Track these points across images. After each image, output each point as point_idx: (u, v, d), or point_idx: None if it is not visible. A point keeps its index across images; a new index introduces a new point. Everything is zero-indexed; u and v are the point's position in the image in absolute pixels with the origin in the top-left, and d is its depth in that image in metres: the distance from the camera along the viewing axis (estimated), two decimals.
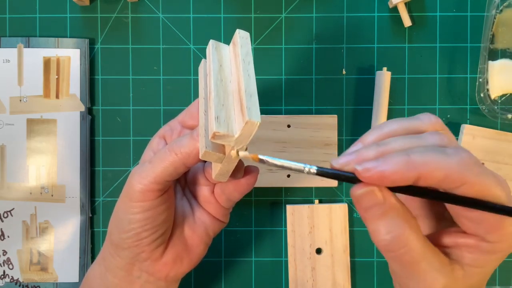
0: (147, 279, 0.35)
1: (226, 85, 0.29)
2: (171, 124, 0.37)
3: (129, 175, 0.33)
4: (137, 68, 0.50)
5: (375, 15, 0.50)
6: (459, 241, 0.26)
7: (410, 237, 0.25)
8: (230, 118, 0.28)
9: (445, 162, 0.24)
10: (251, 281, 0.50)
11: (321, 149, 0.49)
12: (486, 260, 0.26)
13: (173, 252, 0.35)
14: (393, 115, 0.50)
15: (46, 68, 0.49)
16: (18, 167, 0.49)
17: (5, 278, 0.49)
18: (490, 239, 0.25)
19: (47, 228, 0.49)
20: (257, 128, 0.26)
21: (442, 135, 0.26)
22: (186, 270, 0.37)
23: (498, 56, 0.49)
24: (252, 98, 0.27)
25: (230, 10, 0.50)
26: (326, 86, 0.50)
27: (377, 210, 0.25)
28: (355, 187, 0.25)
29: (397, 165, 0.24)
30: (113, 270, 0.35)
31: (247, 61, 0.29)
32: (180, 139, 0.32)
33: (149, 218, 0.32)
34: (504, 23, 0.49)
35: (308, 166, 0.26)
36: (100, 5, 0.50)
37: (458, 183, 0.24)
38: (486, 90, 0.48)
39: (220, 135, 0.27)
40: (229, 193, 0.35)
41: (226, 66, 0.30)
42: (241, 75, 0.28)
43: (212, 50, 0.31)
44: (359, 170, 0.24)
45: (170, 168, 0.31)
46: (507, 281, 0.50)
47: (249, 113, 0.26)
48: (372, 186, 0.25)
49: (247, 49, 0.30)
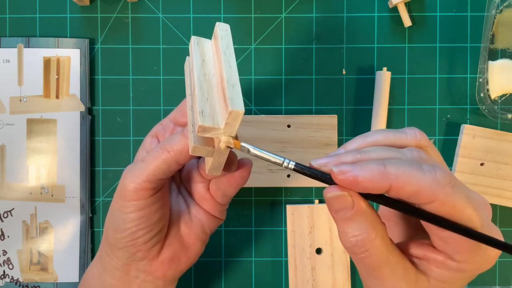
0: (145, 278, 0.35)
1: (210, 79, 0.29)
2: (163, 123, 0.37)
3: (122, 175, 0.33)
4: (137, 68, 0.50)
5: (375, 15, 0.50)
6: (428, 254, 0.27)
7: (375, 242, 0.26)
8: (215, 111, 0.28)
9: (418, 177, 0.24)
10: (251, 281, 0.50)
11: (321, 149, 0.49)
12: (453, 277, 0.26)
13: (170, 251, 0.35)
14: (393, 115, 0.50)
15: (46, 68, 0.49)
16: (18, 167, 0.49)
17: (5, 278, 0.49)
18: (458, 259, 0.26)
19: (47, 228, 0.49)
20: (241, 117, 0.27)
21: (421, 152, 0.26)
22: (184, 268, 0.37)
23: (498, 56, 0.49)
24: (235, 88, 0.27)
25: (230, 10, 0.50)
26: (326, 86, 0.50)
27: (345, 213, 0.26)
28: (328, 188, 0.26)
29: (371, 173, 0.24)
30: (110, 270, 0.35)
31: (228, 53, 0.29)
32: (171, 137, 0.32)
33: (143, 217, 0.32)
34: (504, 23, 0.49)
35: (287, 161, 0.27)
36: (100, 5, 0.50)
37: (428, 199, 0.24)
38: (486, 90, 0.48)
39: (205, 128, 0.27)
40: (224, 187, 0.35)
41: (209, 60, 0.30)
42: (223, 67, 0.28)
43: (194, 46, 0.31)
44: (335, 172, 0.25)
45: (163, 166, 0.31)
46: (507, 281, 0.50)
47: (232, 103, 0.26)
48: (344, 191, 0.26)
49: (227, 41, 0.30)
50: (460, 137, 0.49)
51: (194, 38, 0.31)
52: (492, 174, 0.48)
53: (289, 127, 0.49)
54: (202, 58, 0.30)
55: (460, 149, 0.48)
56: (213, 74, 0.30)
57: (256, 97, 0.50)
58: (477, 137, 0.48)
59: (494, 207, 0.50)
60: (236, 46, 0.50)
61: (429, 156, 0.27)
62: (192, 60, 0.30)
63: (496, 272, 0.50)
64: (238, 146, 0.28)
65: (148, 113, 0.50)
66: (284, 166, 0.27)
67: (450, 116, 0.50)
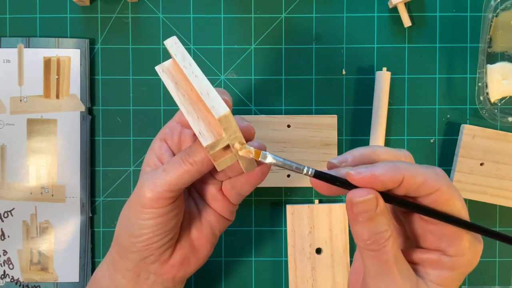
0: (155, 280, 0.36)
1: (190, 96, 0.30)
2: (169, 126, 0.37)
3: (140, 181, 0.33)
4: (137, 68, 0.50)
5: (375, 15, 0.50)
6: (423, 257, 0.29)
7: (391, 238, 0.28)
8: (210, 124, 0.28)
9: (423, 170, 0.28)
10: (251, 281, 0.50)
11: (321, 149, 0.49)
12: (448, 277, 0.29)
13: (181, 254, 0.35)
14: (393, 115, 0.50)
15: (46, 68, 0.49)
16: (18, 167, 0.49)
17: (5, 278, 0.49)
18: (450, 253, 0.28)
19: (47, 228, 0.49)
20: (231, 115, 0.27)
21: None
22: (193, 270, 0.37)
23: (497, 59, 0.49)
24: (211, 95, 0.27)
25: (230, 10, 0.50)
26: (326, 86, 0.50)
27: (369, 214, 0.27)
28: (355, 192, 0.27)
29: (385, 169, 0.27)
30: (122, 271, 0.35)
31: (187, 64, 0.29)
32: (190, 148, 0.32)
33: (160, 224, 0.33)
34: (501, 26, 0.49)
35: (307, 168, 0.28)
36: (100, 5, 0.50)
37: (433, 189, 0.27)
38: (485, 94, 0.48)
39: (211, 145, 0.27)
40: (240, 186, 0.35)
41: (181, 80, 0.30)
42: (190, 81, 0.28)
43: (162, 74, 0.31)
44: (353, 174, 0.27)
45: (186, 176, 0.32)
46: (507, 281, 0.50)
47: (215, 111, 0.27)
48: (372, 194, 0.27)
49: (181, 53, 0.29)
50: (460, 137, 0.49)
51: (158, 67, 0.31)
52: (491, 174, 0.48)
53: (289, 127, 0.49)
54: (173, 82, 0.30)
55: (460, 149, 0.48)
56: (190, 90, 0.30)
57: (256, 97, 0.50)
58: (477, 137, 0.48)
59: (494, 207, 0.50)
60: (236, 46, 0.50)
61: None
62: (168, 88, 0.30)
63: (496, 272, 0.50)
64: (258, 155, 0.29)
65: (148, 113, 0.50)
66: (304, 173, 0.28)
67: (450, 116, 0.50)
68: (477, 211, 0.50)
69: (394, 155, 0.30)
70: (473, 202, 0.49)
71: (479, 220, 0.50)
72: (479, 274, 0.50)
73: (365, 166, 0.28)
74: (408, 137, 0.50)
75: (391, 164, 0.27)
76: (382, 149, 0.30)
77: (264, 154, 0.29)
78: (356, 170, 0.27)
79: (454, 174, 0.48)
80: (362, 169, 0.27)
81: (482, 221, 0.50)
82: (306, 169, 0.28)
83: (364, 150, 0.30)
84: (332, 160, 0.29)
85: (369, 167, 0.27)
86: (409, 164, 0.28)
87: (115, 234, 0.36)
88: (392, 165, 0.27)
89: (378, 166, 0.27)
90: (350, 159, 0.29)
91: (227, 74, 0.50)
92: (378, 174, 0.27)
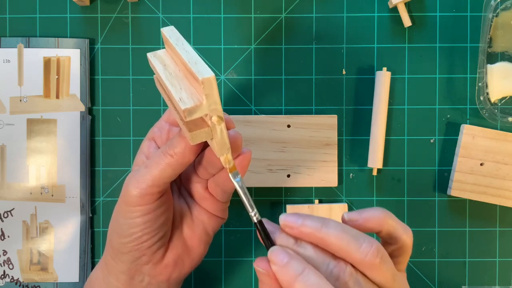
0: (149, 282, 0.35)
1: (177, 74, 0.30)
2: (158, 125, 0.37)
3: (125, 181, 0.33)
4: (137, 68, 0.50)
5: (375, 15, 0.50)
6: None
7: None
8: (192, 94, 0.29)
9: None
10: (251, 281, 0.50)
11: (321, 149, 0.49)
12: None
13: (174, 254, 0.35)
14: (393, 115, 0.50)
15: (46, 68, 0.49)
16: (18, 167, 0.49)
17: (5, 278, 0.49)
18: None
19: (47, 228, 0.49)
20: (215, 82, 0.27)
21: (356, 275, 0.29)
22: (188, 270, 0.37)
23: (497, 59, 0.49)
24: (198, 64, 0.28)
25: (230, 10, 0.50)
26: (326, 86, 0.50)
27: None
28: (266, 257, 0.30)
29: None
30: (115, 274, 0.35)
31: (180, 43, 0.30)
32: (171, 141, 0.32)
33: (148, 222, 0.32)
34: (502, 26, 0.49)
35: (255, 213, 0.31)
36: (100, 5, 0.50)
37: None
38: (486, 94, 0.48)
39: (190, 110, 0.28)
40: (222, 183, 0.34)
41: (170, 63, 0.32)
42: (181, 55, 0.29)
43: (153, 59, 0.32)
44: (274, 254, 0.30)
45: (168, 169, 0.32)
46: (507, 281, 0.50)
47: (200, 74, 0.27)
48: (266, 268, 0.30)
49: (176, 36, 0.31)
50: (460, 137, 0.49)
51: (149, 54, 0.33)
52: (492, 174, 0.48)
53: (289, 127, 0.49)
54: (162, 64, 0.31)
55: (460, 149, 0.48)
56: (178, 70, 0.31)
57: (256, 97, 0.50)
58: (477, 137, 0.48)
59: (494, 207, 0.50)
60: (236, 46, 0.50)
61: (365, 280, 0.29)
62: (156, 69, 0.31)
63: (496, 272, 0.50)
64: (234, 169, 0.31)
65: (148, 113, 0.50)
66: (250, 216, 0.31)
67: (450, 116, 0.50)
68: (477, 211, 0.50)
69: (347, 251, 0.29)
70: (473, 202, 0.49)
71: (479, 220, 0.50)
72: (479, 274, 0.50)
73: (288, 254, 0.29)
74: (408, 137, 0.50)
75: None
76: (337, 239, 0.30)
77: (235, 174, 0.31)
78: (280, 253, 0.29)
79: (454, 174, 0.48)
80: (284, 255, 0.29)
81: (482, 221, 0.50)
82: (254, 213, 0.31)
83: (315, 229, 0.30)
84: (345, 215, 0.31)
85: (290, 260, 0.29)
86: None
87: (107, 237, 0.36)
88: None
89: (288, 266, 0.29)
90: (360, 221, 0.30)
91: (227, 74, 0.50)
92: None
